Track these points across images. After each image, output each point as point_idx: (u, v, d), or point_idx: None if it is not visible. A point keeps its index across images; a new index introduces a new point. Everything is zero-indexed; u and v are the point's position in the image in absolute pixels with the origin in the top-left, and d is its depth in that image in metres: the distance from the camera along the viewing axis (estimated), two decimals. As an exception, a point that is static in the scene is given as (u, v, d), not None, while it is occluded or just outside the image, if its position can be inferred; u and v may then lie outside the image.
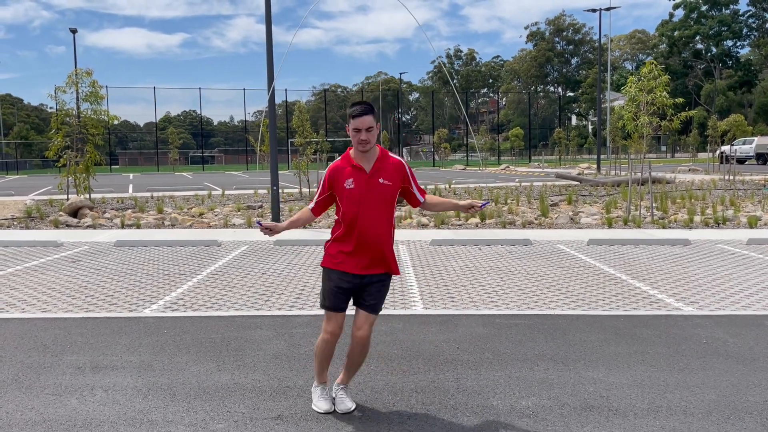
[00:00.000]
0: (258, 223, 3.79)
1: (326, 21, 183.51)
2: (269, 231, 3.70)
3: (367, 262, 3.60)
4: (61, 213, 14.46)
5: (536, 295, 6.56)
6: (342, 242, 3.62)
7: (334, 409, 3.73)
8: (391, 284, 4.35)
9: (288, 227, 3.74)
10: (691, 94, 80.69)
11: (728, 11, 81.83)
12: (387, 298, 4.77)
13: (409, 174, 3.71)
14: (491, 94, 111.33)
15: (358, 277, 3.61)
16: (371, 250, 3.58)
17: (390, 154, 3.72)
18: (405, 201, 3.76)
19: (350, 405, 3.74)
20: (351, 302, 3.73)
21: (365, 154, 3.59)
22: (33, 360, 4.70)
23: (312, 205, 3.76)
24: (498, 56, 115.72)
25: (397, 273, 3.72)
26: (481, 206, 3.68)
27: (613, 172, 32.76)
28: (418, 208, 3.76)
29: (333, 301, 3.64)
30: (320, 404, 3.76)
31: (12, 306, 6.35)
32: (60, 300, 6.58)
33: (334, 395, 3.80)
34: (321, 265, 3.69)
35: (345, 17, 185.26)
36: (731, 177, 24.41)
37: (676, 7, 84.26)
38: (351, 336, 3.72)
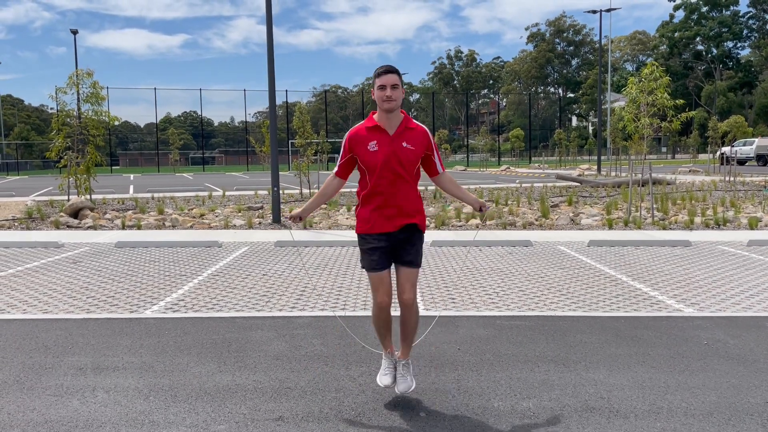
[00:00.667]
0: (285, 218, 3.87)
1: (327, 22, 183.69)
2: (298, 219, 3.81)
3: (395, 219, 3.65)
4: (61, 214, 14.48)
5: (537, 297, 6.56)
6: (369, 206, 3.68)
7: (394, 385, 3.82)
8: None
9: (312, 206, 3.85)
10: (691, 95, 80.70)
11: (728, 12, 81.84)
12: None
13: (433, 143, 3.77)
14: (492, 95, 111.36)
15: (390, 235, 3.68)
16: (398, 208, 3.64)
17: (414, 121, 3.75)
18: (423, 169, 3.87)
19: (409, 384, 3.80)
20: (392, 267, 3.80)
21: (389, 117, 3.62)
22: (34, 361, 4.70)
23: (336, 169, 3.82)
24: (498, 57, 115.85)
25: (423, 230, 3.79)
26: (488, 208, 3.85)
27: (613, 174, 32.77)
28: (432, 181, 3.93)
29: (372, 261, 3.69)
30: (382, 379, 3.84)
31: (13, 307, 6.36)
32: (61, 301, 6.58)
33: (395, 371, 3.86)
34: (356, 232, 3.79)
35: (346, 18, 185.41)
36: (732, 178, 24.41)
37: (676, 8, 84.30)
38: (399, 303, 3.79)
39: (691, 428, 3.47)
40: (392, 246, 3.73)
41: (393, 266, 3.83)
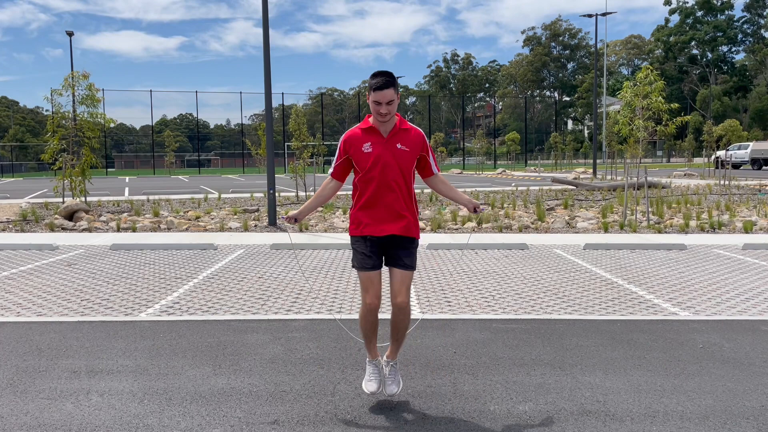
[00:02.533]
0: (282, 217, 3.85)
1: (324, 25, 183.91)
2: (294, 221, 3.82)
3: (387, 222, 3.65)
4: (56, 216, 14.42)
5: (533, 300, 6.56)
6: (363, 208, 3.69)
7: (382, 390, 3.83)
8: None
9: (309, 208, 3.85)
10: (686, 99, 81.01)
11: (723, 17, 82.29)
12: (384, 300, 4.78)
13: (427, 144, 3.79)
14: (488, 99, 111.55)
15: (382, 239, 3.68)
16: (390, 210, 3.65)
17: (408, 123, 3.77)
18: (417, 171, 3.89)
19: (398, 386, 3.81)
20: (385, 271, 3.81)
21: (383, 123, 3.66)
22: (28, 364, 4.67)
23: (331, 170, 3.85)
24: (494, 60, 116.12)
25: (417, 237, 3.77)
26: (483, 209, 3.84)
27: (609, 177, 32.84)
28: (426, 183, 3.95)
29: (363, 260, 3.68)
30: (368, 385, 3.81)
31: (7, 309, 6.33)
32: (55, 303, 6.55)
33: (382, 375, 3.85)
34: (349, 234, 3.81)
35: (342, 21, 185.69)
36: (727, 182, 24.50)
37: (671, 12, 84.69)
38: (391, 306, 3.79)
39: (687, 431, 3.47)
40: (385, 248, 3.73)
41: (386, 269, 3.83)
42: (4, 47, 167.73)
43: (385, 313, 5.48)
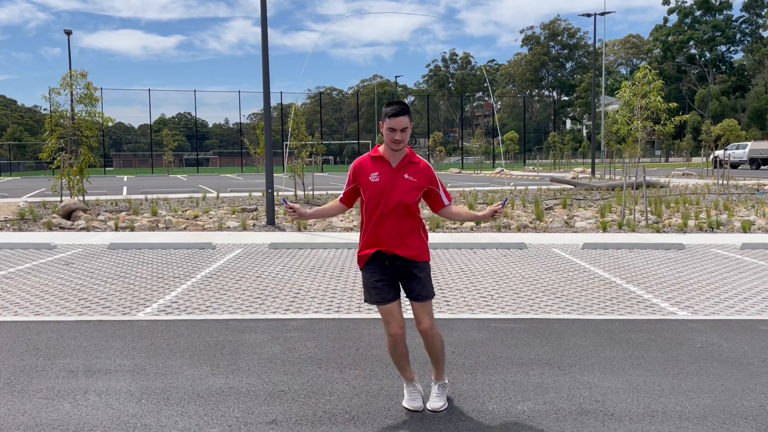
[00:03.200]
0: (284, 200, 3.80)
1: (323, 24, 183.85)
2: (294, 212, 3.76)
3: (392, 248, 3.64)
4: (54, 215, 14.39)
5: (531, 299, 6.56)
6: (368, 237, 3.68)
7: (425, 408, 3.79)
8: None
9: (313, 216, 3.82)
10: (684, 98, 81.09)
11: (722, 16, 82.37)
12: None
13: (436, 177, 3.77)
14: (486, 98, 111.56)
15: (389, 265, 3.66)
16: (395, 239, 3.63)
17: (418, 156, 3.77)
18: (428, 204, 3.89)
19: (440, 404, 3.79)
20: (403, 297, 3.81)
21: (394, 152, 3.66)
22: (25, 363, 4.66)
23: (341, 196, 3.86)
24: (493, 60, 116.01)
25: (425, 259, 3.74)
26: (502, 206, 3.75)
27: (607, 176, 32.86)
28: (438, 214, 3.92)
29: (377, 295, 3.66)
30: (411, 403, 3.81)
31: (4, 309, 6.31)
32: (53, 303, 6.54)
33: (422, 391, 3.89)
34: (359, 268, 3.79)
35: (342, 20, 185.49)
36: (725, 181, 24.51)
37: (670, 12, 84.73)
38: (418, 332, 3.78)
39: (685, 431, 3.47)
40: (395, 278, 3.71)
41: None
42: (3, 46, 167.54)
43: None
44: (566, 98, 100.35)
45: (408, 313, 4.61)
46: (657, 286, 7.20)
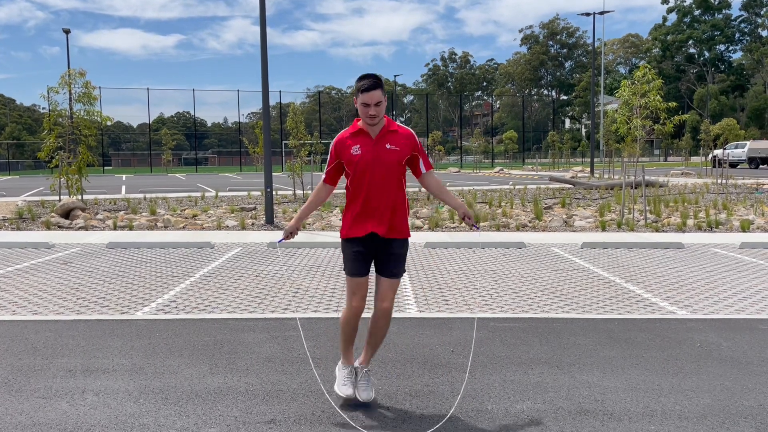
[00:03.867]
0: (279, 242, 3.95)
1: (322, 23, 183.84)
2: (291, 235, 3.87)
3: (378, 225, 3.65)
4: (53, 214, 14.38)
5: (530, 298, 6.55)
6: (353, 210, 3.70)
7: (355, 396, 3.80)
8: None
9: (303, 216, 3.85)
10: (683, 98, 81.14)
11: (721, 16, 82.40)
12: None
13: (418, 144, 3.76)
14: (485, 97, 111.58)
15: (370, 238, 3.68)
16: (380, 213, 3.65)
17: (398, 123, 3.77)
18: (411, 171, 3.90)
19: (371, 394, 3.79)
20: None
21: (372, 126, 3.66)
22: (23, 363, 4.65)
23: (324, 176, 3.85)
24: (492, 59, 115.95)
25: (407, 236, 3.77)
26: (472, 225, 3.74)
27: (606, 176, 32.87)
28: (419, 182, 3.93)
29: (353, 266, 3.69)
30: (343, 389, 3.80)
31: (2, 308, 6.29)
32: (51, 302, 6.52)
33: (355, 380, 3.85)
34: (340, 238, 3.79)
35: (341, 19, 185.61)
36: (724, 181, 24.52)
37: (669, 11, 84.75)
38: (375, 309, 3.78)
39: (685, 431, 3.46)
40: (374, 252, 3.73)
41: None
42: (1, 45, 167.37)
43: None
44: (565, 97, 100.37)
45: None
46: (656, 285, 7.19)
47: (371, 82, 3.53)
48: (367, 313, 5.20)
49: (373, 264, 3.80)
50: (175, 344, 5.06)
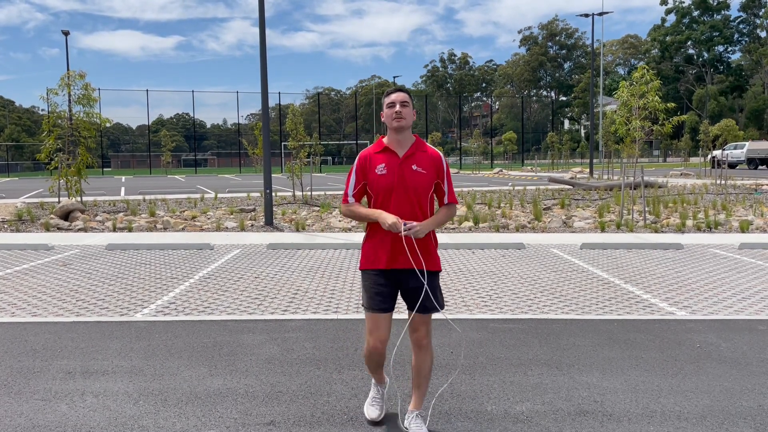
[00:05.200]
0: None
1: (321, 24, 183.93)
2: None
3: (401, 256, 3.30)
4: (52, 216, 14.37)
5: (530, 300, 6.55)
6: (374, 238, 3.36)
7: (382, 420, 3.56)
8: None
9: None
10: (682, 98, 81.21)
11: (719, 17, 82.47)
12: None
13: (445, 170, 3.42)
14: (484, 98, 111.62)
15: (395, 273, 3.33)
16: (407, 242, 3.28)
17: (427, 144, 3.46)
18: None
19: None
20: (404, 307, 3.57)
21: (399, 137, 3.34)
22: (22, 365, 4.65)
23: (351, 199, 3.43)
24: (491, 60, 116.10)
25: (438, 269, 3.40)
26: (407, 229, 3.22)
27: (605, 177, 32.89)
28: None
29: (373, 301, 3.34)
30: (368, 410, 3.58)
31: (2, 310, 6.29)
32: (50, 304, 6.52)
33: (407, 426, 3.44)
34: (359, 269, 3.45)
35: (340, 21, 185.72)
36: (723, 181, 24.53)
37: (668, 12, 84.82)
38: (411, 346, 3.45)
39: (684, 431, 3.46)
40: (398, 286, 3.38)
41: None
42: (1, 46, 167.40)
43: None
44: (564, 98, 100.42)
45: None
46: (655, 286, 7.20)
47: (396, 87, 3.42)
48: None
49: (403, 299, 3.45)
50: (174, 346, 5.05)
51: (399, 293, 3.43)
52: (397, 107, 3.30)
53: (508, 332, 5.36)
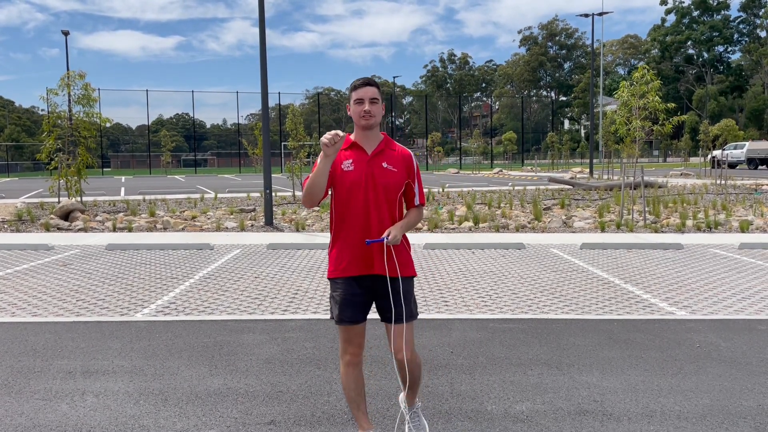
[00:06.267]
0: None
1: (321, 25, 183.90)
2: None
3: (371, 260, 3.06)
4: (52, 216, 14.37)
5: (530, 299, 6.56)
6: (342, 242, 3.10)
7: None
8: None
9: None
10: (682, 98, 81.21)
11: (719, 17, 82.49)
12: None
13: (416, 170, 3.20)
14: (484, 99, 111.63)
15: (367, 279, 3.08)
16: (380, 253, 3.04)
17: (396, 142, 3.25)
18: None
19: (426, 429, 3.34)
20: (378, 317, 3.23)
21: (368, 135, 3.11)
22: (23, 364, 4.65)
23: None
24: (491, 60, 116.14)
25: (414, 274, 3.18)
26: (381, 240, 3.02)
27: (605, 177, 32.89)
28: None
29: (344, 312, 3.07)
30: None
31: (2, 310, 6.30)
32: (51, 304, 6.52)
33: (406, 424, 3.31)
34: (327, 278, 3.18)
35: (340, 21, 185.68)
36: (723, 181, 24.54)
37: (668, 12, 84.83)
38: (395, 361, 3.14)
39: (684, 431, 3.46)
40: (371, 294, 3.12)
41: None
42: (1, 47, 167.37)
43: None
44: (564, 98, 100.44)
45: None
46: (655, 286, 7.20)
47: (366, 79, 3.10)
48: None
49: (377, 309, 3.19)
50: (174, 346, 5.06)
51: (374, 303, 3.18)
52: (366, 105, 3.05)
53: (508, 332, 5.36)
